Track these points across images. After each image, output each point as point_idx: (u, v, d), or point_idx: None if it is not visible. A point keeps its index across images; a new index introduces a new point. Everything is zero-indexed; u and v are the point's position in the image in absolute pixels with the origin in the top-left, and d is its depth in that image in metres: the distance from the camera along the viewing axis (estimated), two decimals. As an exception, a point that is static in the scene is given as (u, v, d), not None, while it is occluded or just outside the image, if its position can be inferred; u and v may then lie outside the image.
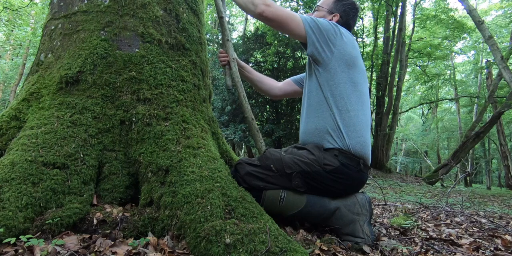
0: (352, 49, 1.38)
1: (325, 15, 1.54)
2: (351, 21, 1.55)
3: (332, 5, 1.54)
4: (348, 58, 1.35)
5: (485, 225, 1.90)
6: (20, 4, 10.25)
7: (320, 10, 1.56)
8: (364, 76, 1.41)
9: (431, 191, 6.17)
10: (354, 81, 1.35)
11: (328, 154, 1.26)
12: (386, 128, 12.52)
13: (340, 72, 1.34)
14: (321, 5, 1.57)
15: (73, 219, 0.97)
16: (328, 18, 1.52)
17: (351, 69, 1.35)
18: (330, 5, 1.54)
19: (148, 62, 1.36)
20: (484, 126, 9.44)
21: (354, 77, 1.35)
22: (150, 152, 1.19)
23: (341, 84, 1.33)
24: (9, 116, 1.25)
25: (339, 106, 1.31)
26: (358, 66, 1.38)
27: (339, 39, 1.35)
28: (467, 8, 6.81)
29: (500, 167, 19.57)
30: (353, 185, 1.32)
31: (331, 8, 1.53)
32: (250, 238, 0.88)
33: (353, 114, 1.31)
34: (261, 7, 1.33)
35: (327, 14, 1.53)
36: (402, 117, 25.91)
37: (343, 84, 1.33)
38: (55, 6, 1.49)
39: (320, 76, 1.37)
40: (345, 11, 1.52)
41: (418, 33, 16.39)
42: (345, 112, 1.31)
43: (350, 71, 1.35)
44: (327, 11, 1.54)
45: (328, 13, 1.53)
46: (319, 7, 1.57)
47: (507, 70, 6.11)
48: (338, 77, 1.33)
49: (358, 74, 1.37)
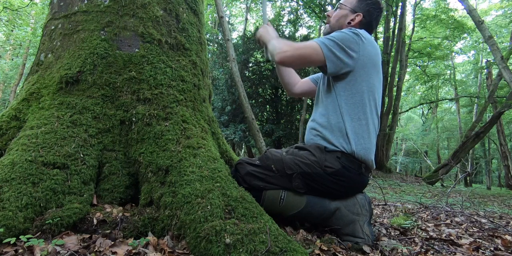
0: (375, 54, 1.33)
1: (348, 14, 1.46)
2: (374, 22, 1.47)
3: (355, 4, 1.46)
4: (370, 66, 1.31)
5: (485, 225, 1.90)
6: (20, 4, 10.24)
7: (342, 8, 1.49)
8: (380, 81, 1.37)
9: (431, 191, 6.17)
10: (371, 89, 1.31)
11: (329, 156, 1.26)
12: (386, 128, 12.52)
13: (360, 81, 1.30)
14: (344, 3, 1.49)
15: (73, 219, 0.97)
16: (351, 17, 1.45)
17: (371, 78, 1.31)
18: (353, 3, 1.46)
19: (148, 62, 1.36)
20: (484, 126, 9.44)
21: (373, 85, 1.32)
22: (150, 152, 1.19)
23: (358, 94, 1.30)
24: (9, 116, 1.25)
25: (352, 114, 1.29)
26: (378, 71, 1.34)
27: (362, 45, 1.29)
28: (467, 8, 6.81)
29: (500, 167, 19.57)
30: (353, 188, 1.31)
31: (355, 7, 1.46)
32: (250, 238, 0.88)
33: (364, 123, 1.29)
34: (279, 56, 1.28)
35: (350, 13, 1.46)
36: (402, 117, 25.91)
37: (360, 93, 1.30)
38: (55, 6, 1.49)
39: (336, 86, 1.34)
40: (369, 11, 1.45)
41: (418, 33, 16.39)
42: (357, 120, 1.29)
43: (369, 80, 1.31)
44: (350, 10, 1.46)
45: (351, 12, 1.46)
46: (342, 5, 1.50)
47: (507, 70, 6.11)
48: (356, 87, 1.30)
49: (377, 81, 1.34)
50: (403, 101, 21.82)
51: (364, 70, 1.30)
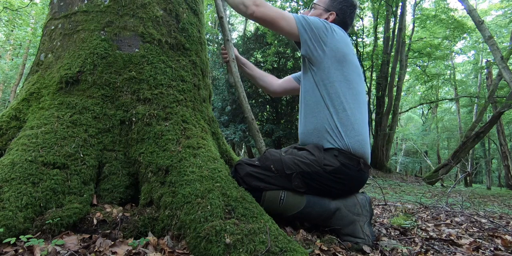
0: (344, 46, 1.37)
1: (322, 13, 1.52)
2: (348, 19, 1.53)
3: (328, 3, 1.52)
4: (340, 56, 1.35)
5: (485, 225, 1.90)
6: (20, 4, 10.25)
7: (316, 8, 1.54)
8: (358, 73, 1.40)
9: (431, 191, 6.17)
10: (348, 79, 1.34)
11: (328, 155, 1.26)
12: (386, 128, 12.52)
13: (333, 71, 1.33)
14: (317, 3, 1.55)
15: (73, 219, 0.97)
16: (324, 16, 1.51)
17: (344, 67, 1.35)
18: (326, 3, 1.52)
19: (148, 62, 1.36)
20: (484, 126, 9.44)
21: (348, 75, 1.35)
22: (150, 152, 1.19)
23: (336, 83, 1.32)
24: (9, 116, 1.25)
25: (336, 105, 1.31)
26: (351, 63, 1.37)
27: (330, 36, 1.35)
28: (467, 8, 6.81)
29: (500, 167, 19.57)
30: (353, 185, 1.31)
31: (328, 6, 1.51)
32: (250, 238, 0.88)
33: (350, 113, 1.30)
34: (251, 8, 1.35)
35: (324, 12, 1.52)
36: (402, 117, 25.91)
37: (338, 82, 1.32)
38: (55, 6, 1.49)
39: (315, 75, 1.37)
40: (342, 9, 1.50)
41: (418, 33, 16.38)
42: (342, 111, 1.30)
43: (343, 69, 1.34)
44: (324, 9, 1.52)
45: (324, 11, 1.52)
46: (316, 5, 1.55)
47: (507, 70, 6.11)
48: (332, 76, 1.33)
49: (352, 72, 1.36)
50: (403, 101, 21.83)
51: (334, 59, 1.34)
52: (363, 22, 13.44)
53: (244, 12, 1.38)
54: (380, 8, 12.71)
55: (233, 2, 1.43)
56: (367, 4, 13.37)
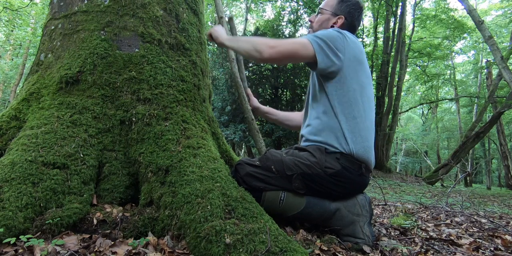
0: (359, 53, 1.34)
1: (329, 18, 1.46)
2: (356, 22, 1.48)
3: (336, 7, 1.46)
4: (356, 64, 1.32)
5: (485, 225, 1.90)
6: (20, 4, 10.25)
7: (323, 13, 1.49)
8: (369, 77, 1.38)
9: (431, 191, 6.17)
10: (362, 85, 1.32)
11: (329, 157, 1.25)
12: (386, 128, 12.52)
13: (349, 79, 1.30)
14: (324, 7, 1.50)
15: (73, 219, 0.97)
16: (333, 21, 1.46)
17: (359, 74, 1.32)
18: (334, 7, 1.46)
19: (148, 62, 1.36)
20: (484, 126, 9.44)
21: (362, 82, 1.32)
22: (150, 152, 1.19)
23: (350, 92, 1.30)
24: (9, 116, 1.25)
25: (346, 113, 1.28)
26: (365, 69, 1.36)
27: (347, 45, 1.30)
28: (467, 8, 6.81)
29: (500, 167, 19.57)
30: (354, 189, 1.31)
31: (335, 10, 1.46)
32: (250, 238, 0.88)
33: (359, 120, 1.28)
34: (268, 51, 1.25)
35: (332, 16, 1.46)
36: (402, 117, 25.91)
37: (352, 91, 1.30)
38: (55, 6, 1.49)
39: (329, 86, 1.32)
40: (350, 12, 1.45)
41: (418, 33, 16.39)
42: (352, 119, 1.28)
43: (358, 76, 1.31)
44: (331, 14, 1.46)
45: (332, 16, 1.46)
46: (323, 9, 1.50)
47: (507, 70, 6.12)
48: (347, 85, 1.30)
49: (365, 78, 1.34)
50: (403, 101, 21.82)
51: (351, 68, 1.31)
52: (363, 22, 13.44)
53: (260, 58, 1.28)
54: (380, 8, 12.73)
55: (244, 50, 1.34)
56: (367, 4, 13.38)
